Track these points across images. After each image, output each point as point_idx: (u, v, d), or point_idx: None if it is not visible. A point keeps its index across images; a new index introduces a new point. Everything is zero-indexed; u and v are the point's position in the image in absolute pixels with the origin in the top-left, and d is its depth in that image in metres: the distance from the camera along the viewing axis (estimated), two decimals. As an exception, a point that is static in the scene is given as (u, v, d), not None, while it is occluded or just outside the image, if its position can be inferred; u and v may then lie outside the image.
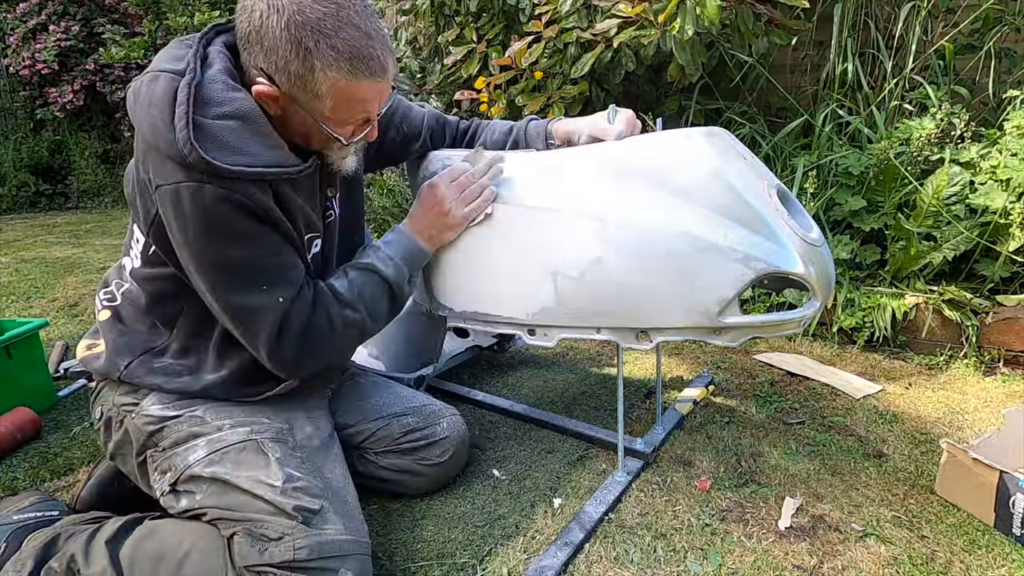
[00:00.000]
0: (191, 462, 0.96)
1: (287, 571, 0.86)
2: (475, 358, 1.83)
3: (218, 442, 0.98)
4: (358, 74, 0.85)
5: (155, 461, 1.01)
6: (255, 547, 0.88)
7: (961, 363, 1.75)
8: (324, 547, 0.88)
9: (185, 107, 0.82)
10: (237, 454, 0.96)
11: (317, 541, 0.88)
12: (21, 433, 1.46)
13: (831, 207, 2.08)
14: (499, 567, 1.04)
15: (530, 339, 1.14)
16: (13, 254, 3.69)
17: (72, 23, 5.49)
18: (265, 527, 0.89)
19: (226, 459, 0.96)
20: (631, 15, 2.13)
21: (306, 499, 0.92)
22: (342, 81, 0.85)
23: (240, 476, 0.94)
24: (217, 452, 0.96)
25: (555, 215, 1.04)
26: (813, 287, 0.97)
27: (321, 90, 0.86)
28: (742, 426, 1.46)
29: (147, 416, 1.01)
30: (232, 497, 0.93)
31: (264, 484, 0.92)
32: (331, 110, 0.89)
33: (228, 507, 0.92)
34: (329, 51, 0.83)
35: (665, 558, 1.05)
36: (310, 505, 0.91)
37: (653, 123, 2.20)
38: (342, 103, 0.88)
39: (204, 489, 0.95)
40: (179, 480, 0.97)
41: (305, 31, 0.81)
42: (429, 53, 3.05)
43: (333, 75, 0.84)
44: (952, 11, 2.24)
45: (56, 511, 1.09)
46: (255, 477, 0.93)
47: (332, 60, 0.83)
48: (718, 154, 0.99)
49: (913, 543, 1.07)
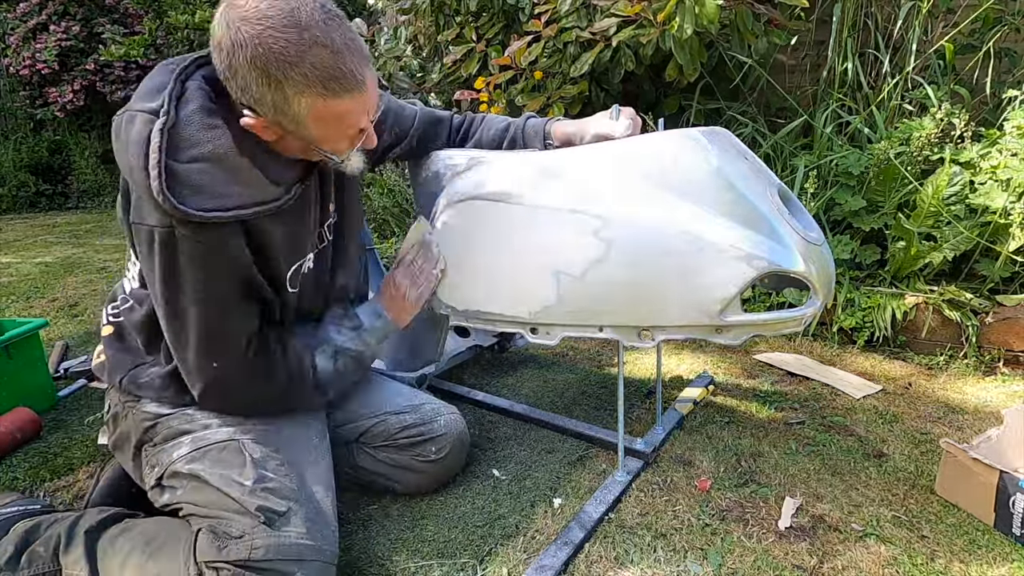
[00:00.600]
0: (175, 458, 0.98)
1: (241, 569, 0.87)
2: (475, 358, 1.83)
3: (202, 440, 0.99)
4: (333, 94, 0.83)
5: (147, 456, 1.03)
6: (215, 543, 0.89)
7: (961, 363, 1.75)
8: (281, 549, 0.89)
9: (158, 154, 0.81)
10: (218, 453, 0.98)
11: (275, 543, 0.89)
12: (21, 433, 1.46)
13: (831, 207, 2.08)
14: (499, 567, 1.04)
15: (532, 338, 1.14)
16: (13, 254, 3.69)
17: (72, 23, 5.49)
18: (230, 525, 0.90)
19: (206, 457, 0.97)
20: (630, 14, 2.13)
21: (273, 500, 0.93)
22: (319, 104, 0.84)
23: (215, 474, 0.95)
24: (199, 450, 0.98)
25: (556, 214, 1.04)
26: (814, 286, 0.97)
27: (300, 116, 0.85)
28: (742, 426, 1.46)
29: (144, 412, 1.03)
30: (206, 494, 0.95)
31: (235, 483, 0.94)
32: (317, 132, 0.88)
33: (201, 504, 0.94)
34: (299, 79, 0.81)
35: (665, 558, 1.05)
36: (276, 507, 0.92)
37: (654, 123, 2.20)
38: (326, 124, 0.87)
39: (184, 485, 0.97)
40: (164, 475, 0.99)
41: (271, 63, 0.79)
42: (429, 52, 3.06)
43: (308, 100, 0.83)
44: (952, 11, 2.24)
45: (37, 505, 1.13)
46: (229, 476, 0.95)
47: (304, 87, 0.82)
48: (719, 153, 0.99)
49: (913, 543, 1.07)
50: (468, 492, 1.24)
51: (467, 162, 1.17)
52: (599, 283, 1.03)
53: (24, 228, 4.69)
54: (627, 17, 2.14)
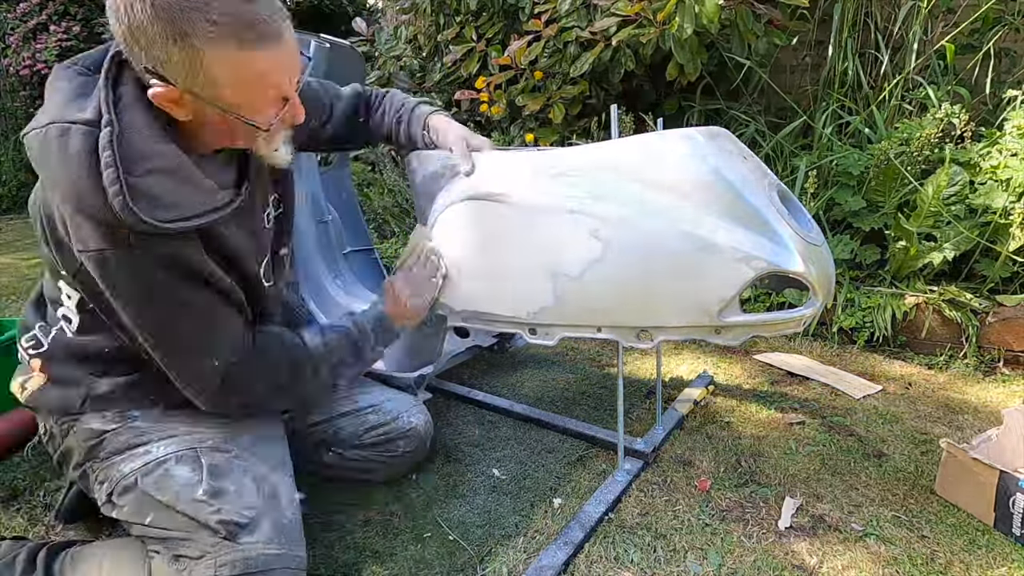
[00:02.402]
0: (126, 472, 0.92)
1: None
2: (475, 358, 1.83)
3: (153, 452, 0.93)
4: (247, 45, 0.75)
5: (94, 472, 0.97)
6: (174, 566, 0.84)
7: (961, 363, 1.75)
8: (249, 562, 0.84)
9: (114, 169, 0.75)
10: (172, 465, 0.92)
11: (242, 557, 0.84)
12: (21, 433, 1.46)
13: (831, 207, 2.08)
14: (499, 567, 1.04)
15: (531, 338, 1.14)
16: (13, 254, 3.69)
17: (72, 23, 5.49)
18: (187, 546, 0.86)
19: (158, 470, 0.91)
20: (630, 14, 2.13)
21: (235, 512, 0.88)
22: (233, 57, 0.75)
23: (169, 489, 0.89)
24: (150, 463, 0.92)
25: (555, 215, 1.04)
26: (813, 286, 0.97)
27: (214, 74, 0.76)
28: (742, 426, 1.46)
29: (88, 430, 0.96)
30: (159, 512, 0.89)
31: (191, 498, 0.88)
32: (234, 94, 0.79)
33: (152, 523, 0.89)
34: (207, 27, 0.73)
35: (665, 558, 1.05)
36: (238, 519, 0.87)
37: (653, 123, 2.20)
38: (242, 83, 0.78)
39: (133, 501, 0.91)
40: (115, 491, 0.93)
41: (175, 11, 0.72)
42: (429, 52, 3.06)
43: (220, 53, 0.74)
44: (952, 11, 2.24)
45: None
46: (184, 490, 0.89)
47: (213, 36, 0.73)
48: (718, 154, 0.99)
49: (913, 543, 1.07)
50: (468, 492, 1.24)
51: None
52: (597, 283, 1.02)
53: (24, 228, 4.68)
54: (627, 17, 2.14)
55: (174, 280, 0.84)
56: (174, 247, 0.82)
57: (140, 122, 0.79)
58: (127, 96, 0.80)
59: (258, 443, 1.01)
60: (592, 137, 2.51)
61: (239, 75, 0.78)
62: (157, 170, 0.79)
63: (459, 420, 1.53)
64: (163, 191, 0.79)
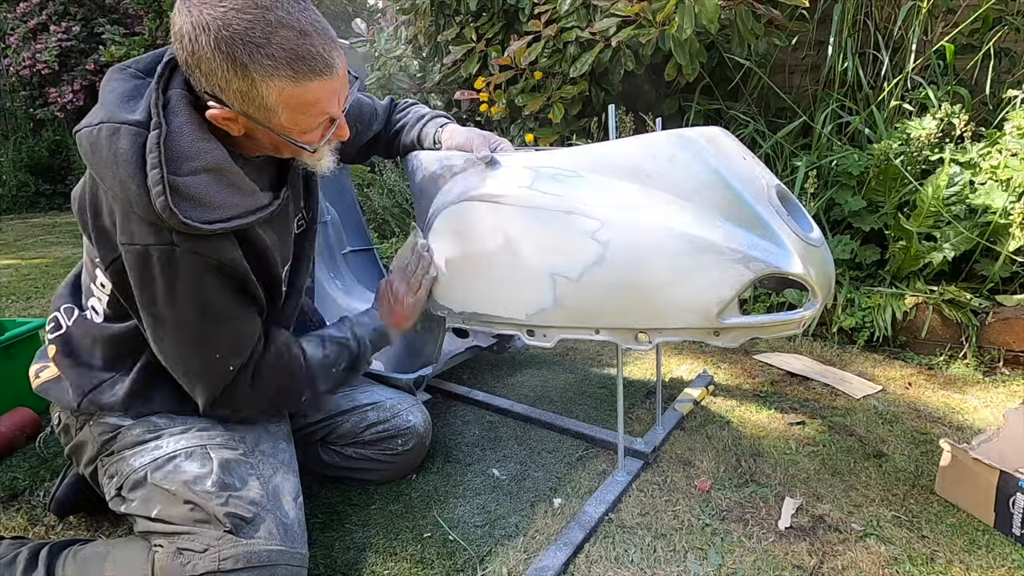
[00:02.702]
0: (136, 467, 0.94)
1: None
2: (475, 358, 1.83)
3: (164, 448, 0.95)
4: (302, 77, 0.80)
5: (104, 466, 0.99)
6: (178, 559, 0.85)
7: (961, 363, 1.75)
8: (252, 557, 0.86)
9: (159, 170, 0.78)
10: (182, 460, 0.94)
11: (245, 551, 0.86)
12: (21, 433, 1.46)
13: (831, 207, 2.08)
14: (499, 567, 1.04)
15: (529, 340, 1.14)
16: (13, 254, 3.69)
17: (72, 23, 5.50)
18: (192, 540, 0.87)
19: (168, 464, 0.93)
20: (630, 14, 2.13)
21: (241, 506, 0.90)
22: (288, 88, 0.80)
23: (178, 482, 0.91)
24: (161, 458, 0.94)
25: (553, 216, 1.04)
26: (813, 288, 0.97)
27: (269, 102, 0.81)
28: (742, 426, 1.46)
29: (104, 424, 0.99)
30: (167, 505, 0.90)
31: (200, 491, 0.90)
32: (288, 120, 0.84)
33: (159, 516, 0.90)
34: (266, 60, 0.78)
35: (665, 558, 1.05)
36: (243, 513, 0.89)
37: (653, 123, 2.20)
38: (295, 110, 0.84)
39: (142, 495, 0.92)
40: (124, 485, 0.94)
41: (236, 45, 0.76)
42: (429, 52, 3.06)
43: (277, 84, 0.80)
44: (952, 11, 2.24)
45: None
46: (192, 483, 0.91)
47: (271, 70, 0.78)
48: (717, 154, 0.98)
49: (913, 543, 1.07)
50: (468, 492, 1.24)
51: (463, 163, 1.17)
52: (595, 285, 1.02)
53: (24, 228, 4.69)
54: (627, 17, 2.14)
55: (211, 284, 0.87)
56: (217, 249, 0.86)
57: (187, 124, 0.83)
58: (175, 99, 0.84)
59: (264, 442, 1.04)
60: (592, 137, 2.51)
61: (293, 104, 0.83)
62: (202, 169, 0.83)
63: (459, 420, 1.53)
64: (206, 191, 0.83)
